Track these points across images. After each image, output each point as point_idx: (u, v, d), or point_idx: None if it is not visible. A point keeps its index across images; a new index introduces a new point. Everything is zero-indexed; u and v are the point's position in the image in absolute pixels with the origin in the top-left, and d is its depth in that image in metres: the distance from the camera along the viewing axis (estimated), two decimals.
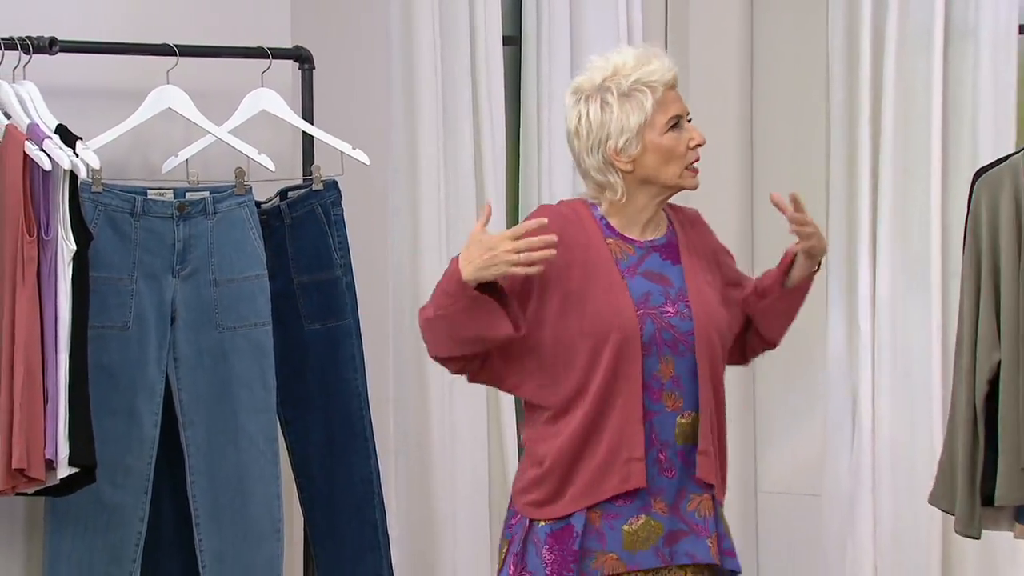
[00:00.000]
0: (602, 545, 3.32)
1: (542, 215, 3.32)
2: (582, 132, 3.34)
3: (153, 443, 3.87)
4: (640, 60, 3.33)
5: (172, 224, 3.92)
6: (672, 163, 3.35)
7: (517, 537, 3.33)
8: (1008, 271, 3.56)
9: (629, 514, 3.33)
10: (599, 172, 3.35)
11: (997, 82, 4.88)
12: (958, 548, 4.94)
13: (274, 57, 4.11)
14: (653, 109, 3.31)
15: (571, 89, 3.39)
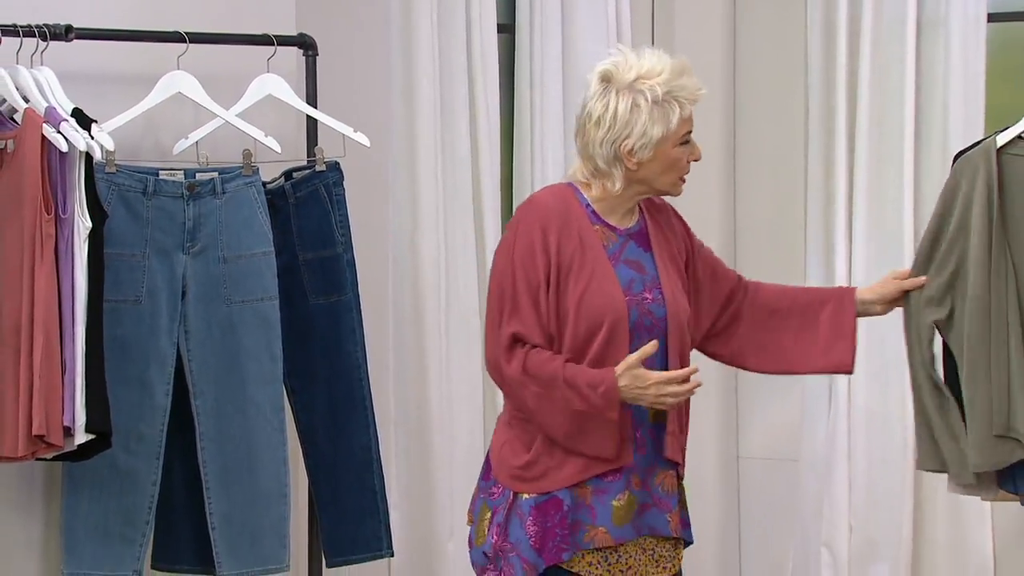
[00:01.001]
0: (592, 519, 3.33)
1: (537, 214, 3.30)
2: (604, 123, 3.29)
3: (165, 411, 3.89)
4: (675, 71, 3.29)
5: (182, 203, 3.93)
6: (671, 172, 3.35)
7: (500, 508, 3.33)
8: (978, 252, 3.56)
9: (617, 490, 3.35)
10: (605, 162, 3.32)
11: (967, 70, 4.88)
12: (929, 509, 4.96)
13: (279, 44, 4.11)
14: (677, 125, 3.29)
15: (599, 75, 3.31)
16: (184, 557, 4.06)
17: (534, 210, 3.34)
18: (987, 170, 3.57)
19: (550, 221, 3.29)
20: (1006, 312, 3.54)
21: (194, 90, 3.97)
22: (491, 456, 3.43)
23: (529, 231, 3.31)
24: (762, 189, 5.30)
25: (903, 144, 4.93)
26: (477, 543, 3.38)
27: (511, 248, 3.32)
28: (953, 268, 3.59)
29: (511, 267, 3.30)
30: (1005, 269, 3.54)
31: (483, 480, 3.42)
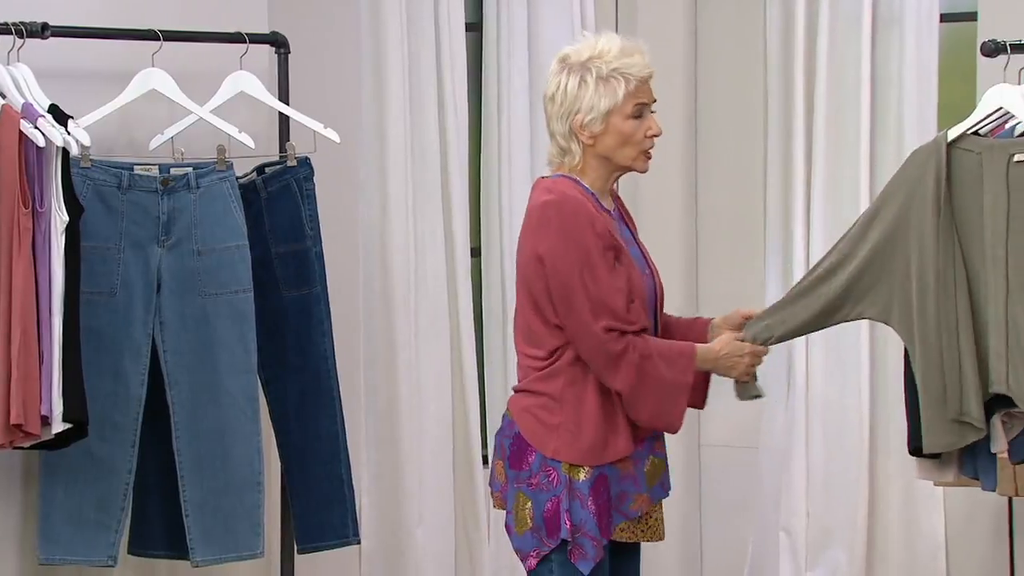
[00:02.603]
0: (636, 487, 3.42)
1: (572, 208, 3.33)
2: (557, 99, 3.39)
3: (139, 401, 3.87)
4: (624, 51, 3.39)
5: (157, 197, 3.91)
6: (628, 147, 3.40)
7: (564, 494, 3.35)
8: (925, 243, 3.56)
9: (644, 456, 3.44)
10: (564, 138, 3.41)
11: (920, 67, 4.89)
12: (884, 496, 4.97)
13: (252, 42, 4.10)
14: (623, 98, 3.37)
15: (559, 57, 3.43)
16: (158, 543, 4.04)
17: (568, 203, 3.35)
18: (937, 162, 3.57)
19: (585, 209, 3.35)
20: (955, 298, 3.55)
21: (168, 87, 3.95)
22: (524, 444, 3.40)
23: (578, 219, 3.33)
24: (722, 182, 5.30)
25: (859, 139, 4.93)
26: (518, 531, 3.39)
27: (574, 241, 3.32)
28: (886, 256, 3.59)
29: (584, 253, 3.32)
30: (952, 257, 3.55)
31: (513, 469, 3.41)
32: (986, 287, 3.53)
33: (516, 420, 3.41)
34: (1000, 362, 3.50)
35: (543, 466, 3.37)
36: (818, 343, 4.97)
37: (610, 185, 3.46)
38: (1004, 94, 3.61)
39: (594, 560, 3.35)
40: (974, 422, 3.54)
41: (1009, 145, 3.55)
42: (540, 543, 3.36)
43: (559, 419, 3.38)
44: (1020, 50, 3.74)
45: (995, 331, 3.51)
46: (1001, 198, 3.52)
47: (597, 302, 3.32)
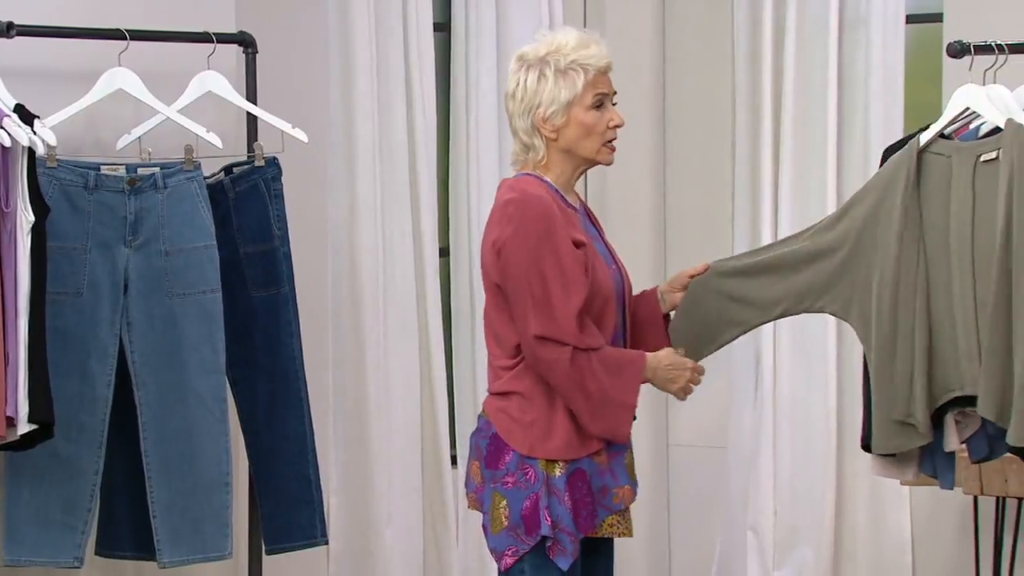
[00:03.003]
0: (616, 480, 3.41)
1: (537, 205, 3.31)
2: (518, 96, 3.40)
3: (106, 402, 3.84)
4: (581, 43, 3.40)
5: (124, 197, 3.88)
6: (590, 138, 3.40)
7: (542, 491, 3.34)
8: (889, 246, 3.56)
9: (624, 449, 3.44)
10: (526, 134, 3.40)
11: (887, 67, 4.90)
12: (850, 495, 4.98)
13: (219, 42, 4.07)
14: (583, 89, 3.37)
15: (517, 55, 3.44)
16: (126, 544, 4.02)
17: (533, 202, 3.34)
18: (908, 167, 3.58)
19: (551, 208, 3.34)
20: (913, 302, 3.55)
21: (135, 87, 3.92)
22: (500, 443, 3.39)
23: (541, 220, 3.32)
24: (691, 182, 5.30)
25: (826, 139, 4.94)
26: (494, 531, 3.38)
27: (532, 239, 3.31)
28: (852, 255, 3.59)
29: (540, 254, 3.31)
30: (916, 262, 3.55)
31: (489, 469, 3.40)
32: (952, 290, 3.53)
33: (492, 420, 3.39)
34: (972, 364, 3.49)
35: (520, 464, 3.36)
36: (785, 343, 4.97)
37: (575, 180, 3.45)
38: (970, 94, 3.61)
39: (572, 556, 3.34)
40: (919, 426, 3.54)
41: (976, 146, 3.55)
42: (517, 541, 3.35)
43: (532, 416, 3.37)
44: (985, 51, 3.74)
45: (965, 334, 3.50)
46: (967, 200, 3.52)
47: (538, 305, 3.30)
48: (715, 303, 3.58)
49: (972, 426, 3.61)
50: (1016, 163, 3.45)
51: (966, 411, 3.58)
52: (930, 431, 3.54)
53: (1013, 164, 3.45)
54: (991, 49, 3.73)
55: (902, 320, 3.54)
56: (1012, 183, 3.45)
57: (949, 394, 3.53)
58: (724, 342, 3.63)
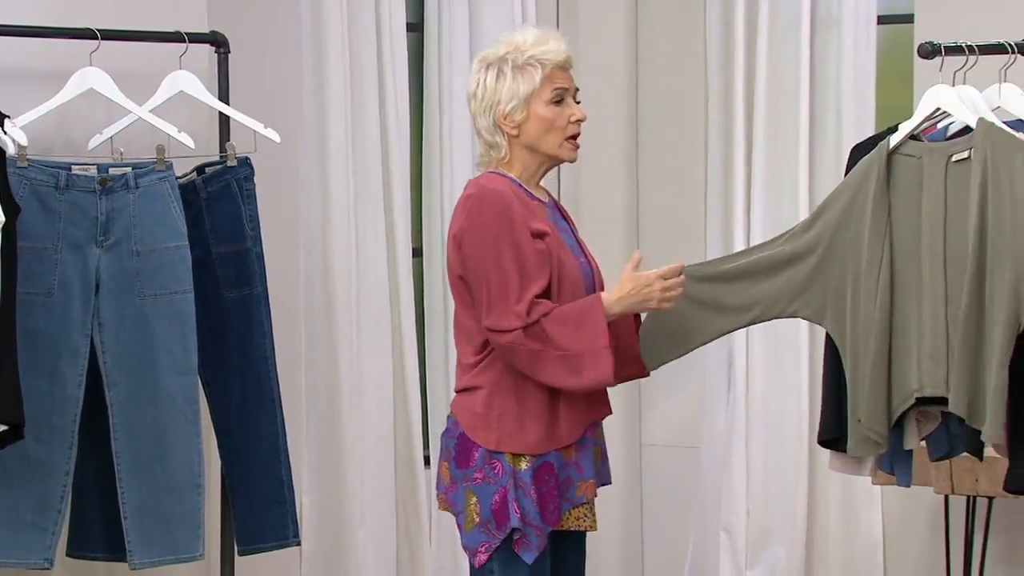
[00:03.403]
0: (581, 474, 3.40)
1: (494, 198, 3.32)
2: (479, 95, 3.42)
3: (77, 402, 3.81)
4: (539, 39, 3.41)
5: (95, 197, 3.85)
6: (552, 134, 3.40)
7: (509, 484, 3.33)
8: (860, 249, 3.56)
9: (591, 443, 3.43)
10: (489, 132, 3.42)
11: (858, 68, 4.90)
12: (822, 495, 4.98)
13: (191, 41, 4.05)
14: (541, 83, 3.38)
15: (478, 58, 3.47)
16: (97, 546, 3.99)
17: (491, 195, 3.35)
18: (879, 169, 3.57)
19: (510, 201, 3.34)
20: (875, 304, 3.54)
21: (106, 86, 3.90)
22: (468, 441, 3.38)
23: (498, 213, 3.32)
24: (663, 181, 5.30)
25: (798, 139, 4.94)
26: (467, 528, 3.37)
27: (489, 231, 3.31)
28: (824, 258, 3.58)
29: (496, 246, 3.30)
30: (879, 264, 3.54)
31: (459, 469, 3.39)
32: (921, 291, 3.52)
33: (458, 419, 3.39)
34: (938, 365, 3.49)
35: (487, 460, 3.35)
36: (757, 344, 4.97)
37: (540, 177, 3.45)
38: (941, 95, 3.61)
39: (538, 549, 3.34)
40: (867, 431, 3.53)
41: (948, 147, 3.55)
42: (489, 537, 3.34)
43: (498, 411, 3.36)
44: (956, 52, 3.74)
45: (932, 334, 3.50)
46: (939, 200, 3.52)
47: (493, 297, 3.29)
48: (687, 308, 3.56)
49: (931, 424, 3.61)
50: (989, 162, 3.45)
51: (926, 410, 3.57)
52: (884, 439, 3.54)
53: (986, 163, 3.45)
54: (961, 50, 3.74)
55: (869, 322, 3.54)
56: (985, 182, 3.45)
57: (911, 396, 3.52)
58: (694, 347, 3.61)
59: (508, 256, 3.30)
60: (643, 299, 3.36)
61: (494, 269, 3.30)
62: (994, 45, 3.80)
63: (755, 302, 3.60)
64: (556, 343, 3.29)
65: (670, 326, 3.56)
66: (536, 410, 3.35)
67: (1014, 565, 4.73)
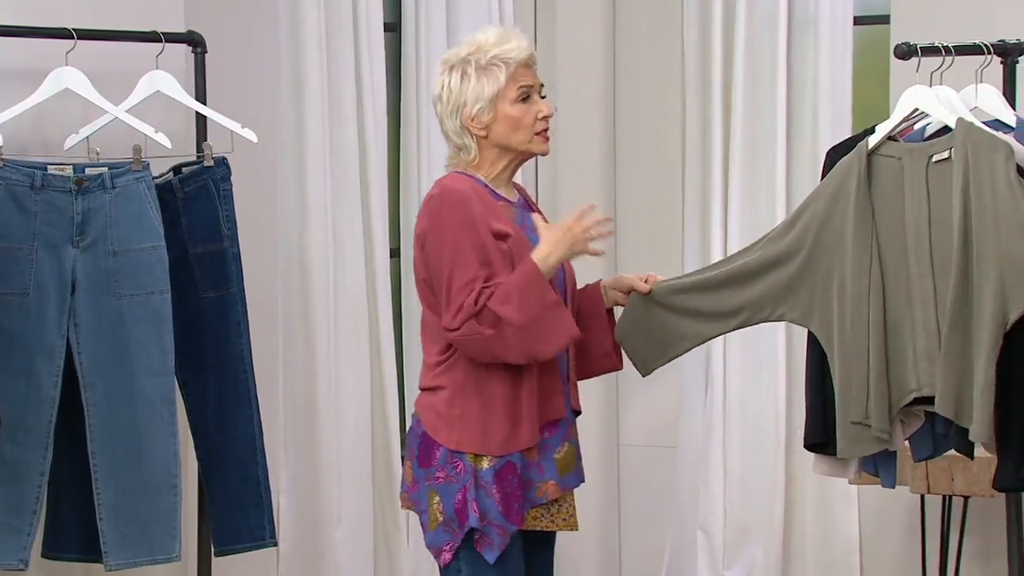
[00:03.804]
0: (541, 475, 3.38)
1: (455, 198, 3.31)
2: (444, 98, 3.41)
3: (53, 403, 3.78)
4: (500, 39, 3.40)
5: (71, 197, 3.83)
6: (520, 131, 3.40)
7: (470, 484, 3.32)
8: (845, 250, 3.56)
9: (556, 444, 3.40)
10: (456, 135, 3.41)
11: (835, 68, 4.91)
12: (799, 493, 4.99)
13: (168, 41, 4.02)
14: (506, 82, 3.38)
15: (441, 60, 3.45)
16: (73, 547, 3.96)
17: (452, 195, 3.34)
18: (858, 171, 3.56)
19: (470, 201, 3.33)
20: (868, 305, 3.54)
21: (82, 86, 3.87)
22: (430, 440, 3.37)
23: (458, 212, 3.31)
24: (641, 181, 5.30)
25: (775, 140, 4.94)
26: (431, 527, 3.37)
27: (448, 232, 3.31)
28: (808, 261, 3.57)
29: (455, 244, 3.30)
30: (868, 265, 3.54)
31: (421, 467, 3.38)
32: (911, 290, 3.52)
33: (421, 418, 3.38)
34: (932, 364, 3.48)
35: (449, 459, 3.35)
36: (735, 344, 4.97)
37: (511, 174, 3.44)
38: (919, 95, 3.60)
39: (499, 548, 3.33)
40: (875, 429, 3.52)
41: (928, 147, 3.55)
42: (452, 536, 3.34)
43: (460, 410, 3.35)
44: (932, 53, 3.74)
45: (924, 333, 3.49)
46: (922, 200, 3.52)
47: (452, 296, 3.28)
48: (669, 318, 3.56)
49: (914, 424, 3.61)
50: (970, 161, 3.45)
51: (911, 410, 3.57)
52: (889, 436, 3.52)
53: (967, 162, 3.45)
54: (938, 51, 3.74)
55: (861, 323, 3.53)
56: (967, 181, 3.44)
57: (908, 395, 3.52)
58: (681, 352, 3.61)
59: (467, 257, 3.28)
60: (571, 244, 3.33)
61: (454, 271, 3.29)
62: (970, 46, 3.80)
63: (740, 308, 3.59)
64: (508, 320, 3.26)
65: (652, 337, 3.56)
66: (498, 411, 3.34)
67: (989, 564, 4.73)
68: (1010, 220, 3.39)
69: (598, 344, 3.49)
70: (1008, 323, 3.40)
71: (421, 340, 3.44)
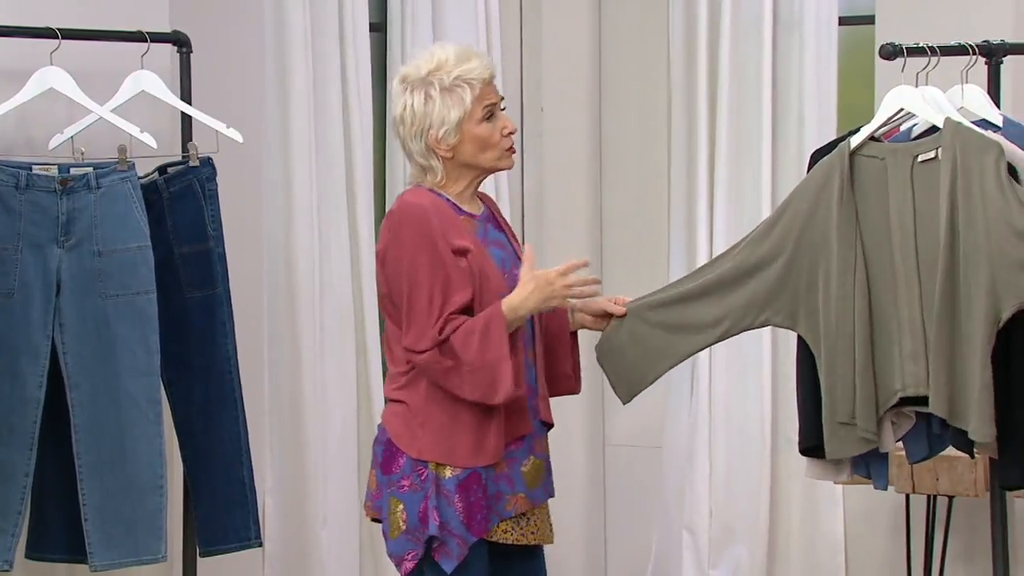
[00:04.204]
0: (511, 487, 3.34)
1: (414, 214, 3.28)
2: (407, 120, 3.33)
3: (38, 403, 3.77)
4: (460, 57, 3.33)
5: (56, 197, 3.81)
6: (488, 150, 3.35)
7: (431, 492, 3.29)
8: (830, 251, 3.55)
9: (522, 457, 3.36)
10: (422, 157, 3.35)
11: (820, 69, 4.90)
12: (784, 493, 4.98)
13: (153, 41, 4.01)
14: (472, 104, 3.32)
15: (398, 78, 3.37)
16: (58, 547, 3.95)
17: (412, 211, 3.31)
18: (841, 171, 3.56)
19: (430, 217, 3.29)
20: (853, 305, 3.53)
21: (67, 86, 3.86)
22: (393, 448, 3.34)
23: (419, 228, 3.28)
24: (627, 183, 5.29)
25: (761, 140, 4.94)
26: (392, 536, 3.33)
27: (408, 248, 3.28)
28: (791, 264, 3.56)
29: (414, 263, 3.27)
30: (853, 265, 3.53)
31: (384, 475, 3.35)
32: (896, 290, 3.51)
33: (386, 426, 3.36)
34: (918, 365, 3.47)
35: (414, 467, 3.31)
36: (721, 345, 4.93)
37: (475, 189, 3.40)
38: (905, 95, 3.60)
39: (457, 559, 3.29)
40: (862, 430, 3.51)
41: (913, 147, 3.54)
42: (416, 545, 3.30)
43: (423, 419, 3.32)
44: (917, 53, 3.73)
45: (910, 334, 3.48)
46: (907, 200, 3.51)
47: (413, 318, 3.25)
48: (649, 335, 3.52)
49: (905, 426, 3.60)
50: (958, 161, 3.44)
51: (903, 411, 3.56)
52: (876, 436, 3.51)
53: (955, 162, 3.44)
54: (923, 51, 3.73)
55: (847, 323, 3.52)
56: (955, 182, 3.44)
57: (894, 396, 3.51)
58: (658, 375, 3.56)
59: (426, 274, 3.25)
60: (547, 297, 3.29)
61: (413, 289, 3.25)
62: (955, 46, 3.80)
63: (724, 316, 3.55)
64: (463, 358, 3.24)
65: (638, 357, 3.52)
66: (464, 424, 3.30)
67: (973, 563, 4.73)
68: (1000, 220, 3.38)
69: (561, 365, 3.46)
70: (1001, 321, 3.40)
71: (385, 352, 3.40)
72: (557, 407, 3.49)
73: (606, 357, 3.53)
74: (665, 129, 5.12)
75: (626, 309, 3.52)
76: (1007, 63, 3.89)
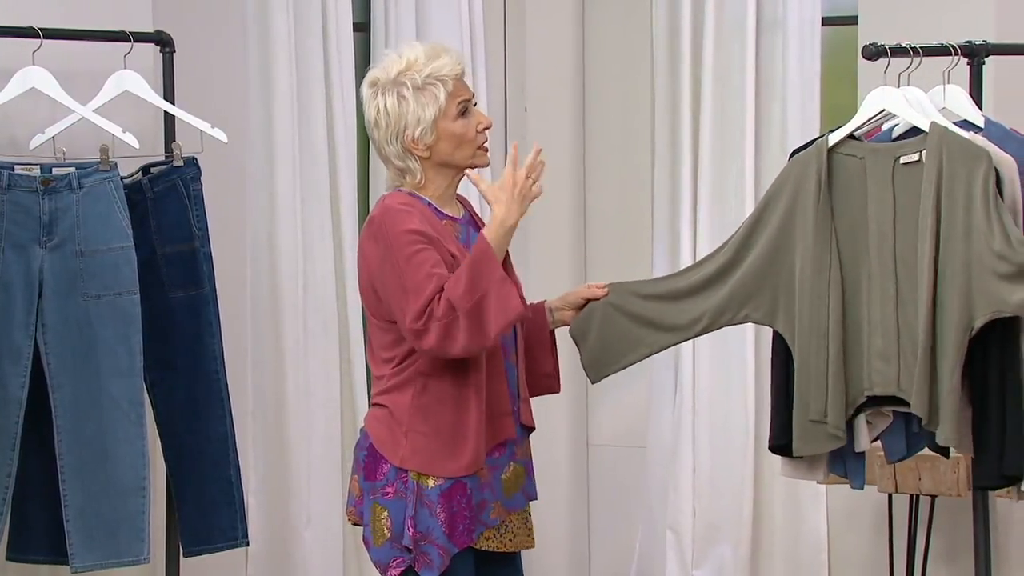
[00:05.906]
0: (493, 496, 3.32)
1: (399, 215, 3.24)
2: (381, 123, 3.30)
3: (20, 404, 3.75)
4: (431, 55, 3.30)
5: (38, 197, 3.79)
6: (464, 147, 3.32)
7: (411, 501, 3.25)
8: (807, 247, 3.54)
9: (504, 464, 3.33)
10: (399, 159, 3.31)
11: (803, 69, 4.89)
12: (768, 494, 4.98)
13: (136, 41, 3.99)
14: (446, 101, 3.28)
15: (368, 82, 3.33)
16: (39, 548, 3.93)
17: (394, 214, 3.28)
18: (818, 168, 3.55)
19: (413, 218, 3.26)
20: (827, 303, 3.52)
21: (49, 85, 3.83)
22: (376, 455, 3.31)
23: (404, 223, 3.25)
24: (610, 183, 5.28)
25: (744, 141, 4.93)
26: (376, 543, 3.30)
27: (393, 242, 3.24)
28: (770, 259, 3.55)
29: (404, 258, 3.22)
30: (828, 263, 3.52)
31: (368, 481, 3.32)
32: (870, 290, 3.50)
33: (369, 432, 3.33)
34: (889, 365, 3.47)
35: (399, 474, 3.28)
36: (704, 344, 4.95)
37: (454, 190, 3.37)
38: (886, 96, 3.58)
39: (438, 569, 3.25)
40: (831, 427, 3.50)
41: (895, 148, 3.53)
42: (402, 552, 3.28)
43: (406, 427, 3.28)
44: (900, 53, 3.73)
45: (882, 333, 3.48)
46: (887, 201, 3.50)
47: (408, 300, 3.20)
48: (628, 325, 3.52)
49: (881, 425, 3.59)
50: (944, 167, 3.42)
51: (881, 410, 3.56)
52: (845, 432, 3.51)
53: (941, 167, 3.43)
54: (906, 51, 3.72)
55: (820, 321, 3.52)
56: (940, 186, 3.42)
57: (862, 395, 3.51)
58: (632, 362, 3.56)
59: (416, 261, 3.20)
60: (522, 198, 3.25)
61: (406, 279, 3.20)
62: (937, 47, 3.79)
63: (702, 314, 3.55)
64: (458, 305, 3.17)
65: (612, 338, 3.51)
66: (445, 433, 3.27)
67: (955, 562, 4.73)
68: (982, 231, 3.37)
69: (540, 365, 3.43)
70: (973, 329, 3.39)
71: (368, 358, 3.37)
72: (540, 407, 3.47)
73: (582, 337, 3.52)
74: (648, 130, 5.11)
75: (608, 289, 3.50)
76: (989, 63, 3.88)
